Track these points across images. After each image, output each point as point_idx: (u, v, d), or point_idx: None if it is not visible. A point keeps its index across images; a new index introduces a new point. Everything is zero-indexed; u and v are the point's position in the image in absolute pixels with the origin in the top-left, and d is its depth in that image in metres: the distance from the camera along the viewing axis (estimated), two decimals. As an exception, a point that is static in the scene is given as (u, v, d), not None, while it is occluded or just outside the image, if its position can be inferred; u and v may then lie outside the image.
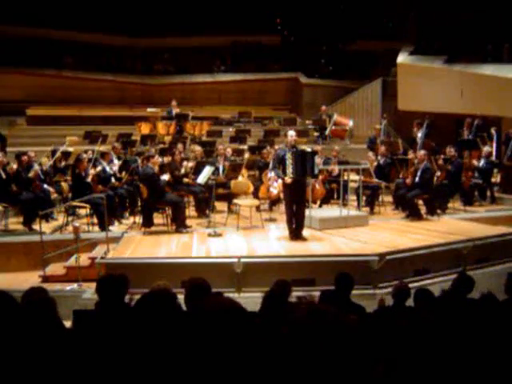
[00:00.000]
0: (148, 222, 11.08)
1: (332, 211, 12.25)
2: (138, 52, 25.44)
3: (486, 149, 14.58)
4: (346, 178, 12.15)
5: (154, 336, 2.73)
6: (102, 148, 14.17)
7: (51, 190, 12.48)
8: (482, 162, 14.21)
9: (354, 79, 23.65)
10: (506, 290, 5.68)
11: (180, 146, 14.26)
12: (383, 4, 25.12)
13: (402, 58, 20.42)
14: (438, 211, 12.67)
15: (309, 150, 10.61)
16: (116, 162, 13.24)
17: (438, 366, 2.94)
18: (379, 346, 3.84)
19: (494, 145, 15.38)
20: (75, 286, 9.07)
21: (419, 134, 15.91)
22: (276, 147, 14.90)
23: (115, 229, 11.44)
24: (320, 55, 25.75)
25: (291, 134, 10.46)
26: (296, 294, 5.16)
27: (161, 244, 10.07)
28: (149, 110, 20.84)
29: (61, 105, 21.76)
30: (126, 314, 3.78)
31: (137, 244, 10.08)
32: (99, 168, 12.22)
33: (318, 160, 10.69)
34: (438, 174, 13.18)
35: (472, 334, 3.76)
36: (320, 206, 13.16)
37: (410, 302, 5.93)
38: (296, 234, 10.28)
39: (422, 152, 12.94)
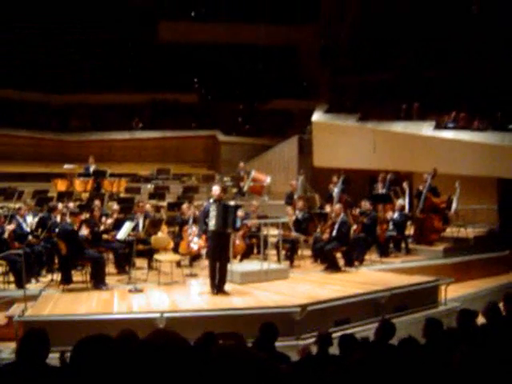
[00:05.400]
0: (67, 279, 10.83)
1: (252, 265, 12.28)
2: (52, 108, 25.19)
3: (399, 202, 15.11)
4: (265, 232, 12.30)
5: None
6: (18, 205, 13.84)
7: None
8: (395, 215, 14.69)
9: (271, 136, 24.15)
10: (423, 334, 5.89)
11: (98, 202, 14.10)
12: (297, 65, 26.05)
13: (316, 117, 21.06)
14: (356, 263, 13.00)
15: (232, 203, 10.79)
16: (29, 219, 12.86)
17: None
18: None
19: (407, 198, 15.93)
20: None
21: (335, 189, 16.33)
22: (195, 203, 14.99)
23: (32, 286, 11.08)
24: (237, 113, 26.23)
25: (215, 188, 10.73)
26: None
27: (80, 301, 9.83)
28: (65, 166, 20.58)
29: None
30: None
31: (55, 301, 9.80)
32: (14, 224, 11.92)
33: (240, 213, 10.86)
34: (354, 227, 13.53)
35: (397, 374, 3.88)
36: (241, 260, 13.22)
37: (334, 350, 6.04)
38: (218, 288, 10.31)
39: (338, 206, 13.32)
